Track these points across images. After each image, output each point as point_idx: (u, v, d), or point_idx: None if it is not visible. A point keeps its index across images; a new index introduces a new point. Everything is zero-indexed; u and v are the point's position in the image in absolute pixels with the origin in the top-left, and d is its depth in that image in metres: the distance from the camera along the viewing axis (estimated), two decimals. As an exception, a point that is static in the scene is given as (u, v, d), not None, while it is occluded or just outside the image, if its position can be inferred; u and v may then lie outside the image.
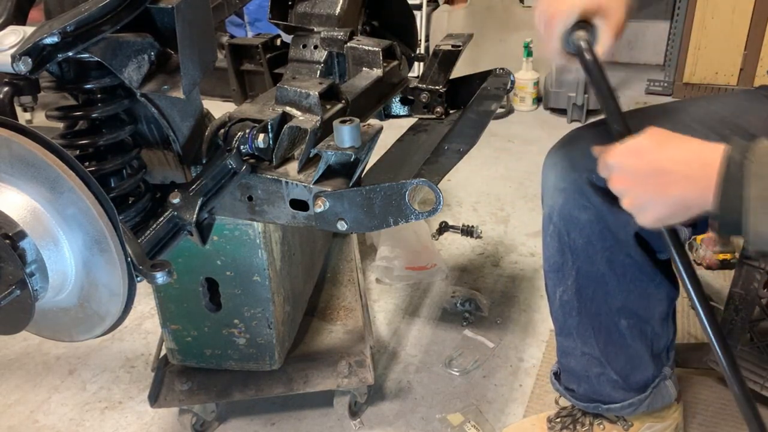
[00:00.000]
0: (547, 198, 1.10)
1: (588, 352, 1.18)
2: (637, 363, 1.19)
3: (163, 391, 1.36)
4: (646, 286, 1.11)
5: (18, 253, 0.67)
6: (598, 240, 1.06)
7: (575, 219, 1.05)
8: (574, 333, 1.18)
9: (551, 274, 1.16)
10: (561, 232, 1.09)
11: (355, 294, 1.61)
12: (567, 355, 1.23)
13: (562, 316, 1.18)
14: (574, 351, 1.20)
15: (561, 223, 1.08)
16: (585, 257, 1.08)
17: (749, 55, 3.18)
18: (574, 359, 1.22)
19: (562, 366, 1.27)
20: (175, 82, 0.84)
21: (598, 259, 1.07)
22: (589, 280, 1.11)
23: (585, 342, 1.17)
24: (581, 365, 1.21)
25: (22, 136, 0.66)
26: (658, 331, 1.18)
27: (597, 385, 1.22)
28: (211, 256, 1.21)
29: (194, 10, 0.82)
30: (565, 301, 1.15)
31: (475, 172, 2.71)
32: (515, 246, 2.17)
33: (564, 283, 1.14)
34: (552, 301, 1.19)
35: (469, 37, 1.42)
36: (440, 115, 1.32)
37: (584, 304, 1.13)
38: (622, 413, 1.25)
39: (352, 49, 1.22)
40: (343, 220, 0.93)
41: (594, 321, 1.15)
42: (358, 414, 1.48)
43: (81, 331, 0.78)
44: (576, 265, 1.10)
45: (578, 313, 1.15)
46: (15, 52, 0.70)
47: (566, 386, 1.29)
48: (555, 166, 1.08)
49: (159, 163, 1.01)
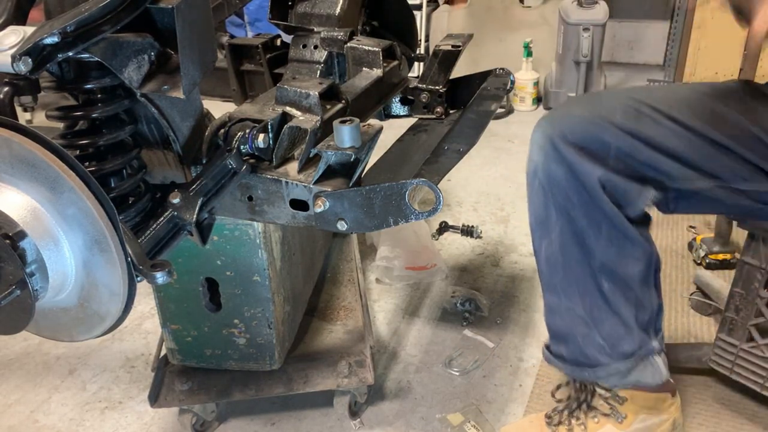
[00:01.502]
0: (531, 155, 1.17)
1: (572, 308, 1.21)
2: (622, 331, 1.21)
3: (163, 391, 1.36)
4: (622, 243, 1.15)
5: (18, 253, 0.67)
6: (574, 194, 1.11)
7: (553, 173, 1.12)
8: (559, 288, 1.22)
9: (536, 228, 1.21)
10: (544, 188, 1.15)
11: (355, 294, 1.61)
12: (553, 313, 1.26)
13: (547, 271, 1.22)
14: (560, 307, 1.23)
15: (544, 179, 1.14)
16: (566, 213, 1.14)
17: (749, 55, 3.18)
18: (560, 317, 1.24)
19: (550, 329, 1.30)
20: (175, 82, 0.84)
21: (577, 214, 1.13)
22: (571, 237, 1.15)
23: (570, 298, 1.21)
24: (566, 323, 1.24)
25: (22, 136, 0.66)
26: (640, 298, 1.20)
27: (583, 346, 1.24)
28: (211, 256, 1.21)
29: (194, 10, 0.83)
30: (549, 255, 1.20)
31: (475, 172, 2.71)
32: (515, 246, 2.17)
33: (548, 237, 1.18)
34: (538, 256, 1.23)
35: (469, 37, 1.42)
36: (440, 115, 1.32)
37: (568, 263, 1.18)
38: (609, 381, 1.27)
39: (352, 49, 1.22)
40: (343, 220, 0.93)
41: (579, 282, 1.19)
42: (358, 414, 1.48)
43: (81, 331, 0.78)
44: (560, 222, 1.15)
45: (563, 268, 1.19)
46: (15, 52, 0.70)
47: (556, 353, 1.31)
48: (539, 126, 1.15)
49: (159, 163, 1.01)
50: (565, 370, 1.32)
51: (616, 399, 1.29)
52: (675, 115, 1.10)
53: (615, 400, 1.29)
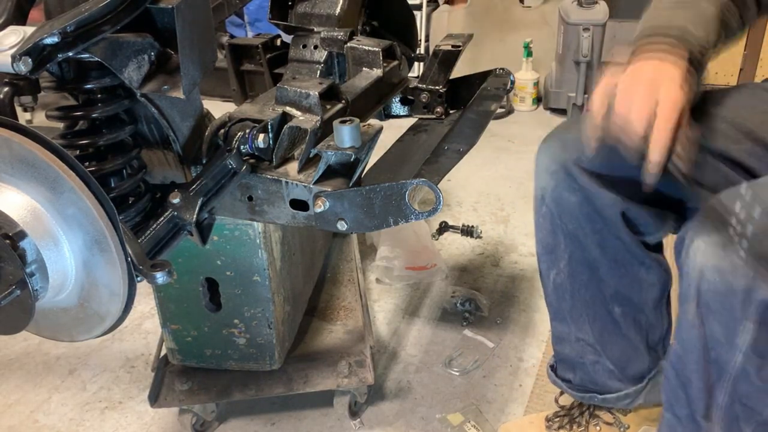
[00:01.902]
0: (539, 180, 1.12)
1: (582, 338, 1.18)
2: (632, 354, 1.19)
3: (163, 391, 1.36)
4: (637, 270, 1.11)
5: (18, 253, 0.67)
6: (587, 222, 1.07)
7: (565, 201, 1.07)
8: (568, 317, 1.18)
9: (544, 256, 1.16)
10: (553, 214, 1.10)
11: (355, 294, 1.61)
12: (561, 341, 1.23)
13: (555, 300, 1.19)
14: (569, 336, 1.20)
15: (553, 205, 1.09)
16: (576, 241, 1.09)
17: (749, 55, 3.18)
18: (569, 345, 1.21)
19: (557, 355, 1.27)
20: (175, 82, 0.84)
21: (589, 243, 1.09)
22: (581, 266, 1.11)
23: (579, 327, 1.18)
24: (576, 351, 1.21)
25: (22, 136, 0.66)
26: (652, 321, 1.18)
27: (593, 373, 1.21)
28: (211, 256, 1.21)
29: (194, 10, 0.83)
30: (558, 284, 1.16)
31: (475, 172, 2.71)
32: (515, 246, 2.17)
33: (557, 266, 1.14)
34: (546, 284, 1.19)
35: (469, 37, 1.42)
36: (440, 115, 1.32)
37: (577, 290, 1.14)
38: (618, 405, 1.25)
39: (352, 49, 1.22)
40: (343, 220, 0.93)
41: (588, 308, 1.15)
42: (358, 414, 1.48)
43: (81, 331, 0.78)
44: (569, 249, 1.11)
45: (571, 297, 1.15)
46: (15, 52, 0.70)
47: (562, 377, 1.28)
48: (548, 149, 1.09)
49: (159, 163, 1.01)
50: (573, 395, 1.29)
51: (620, 410, 1.28)
52: None
53: (619, 410, 1.28)
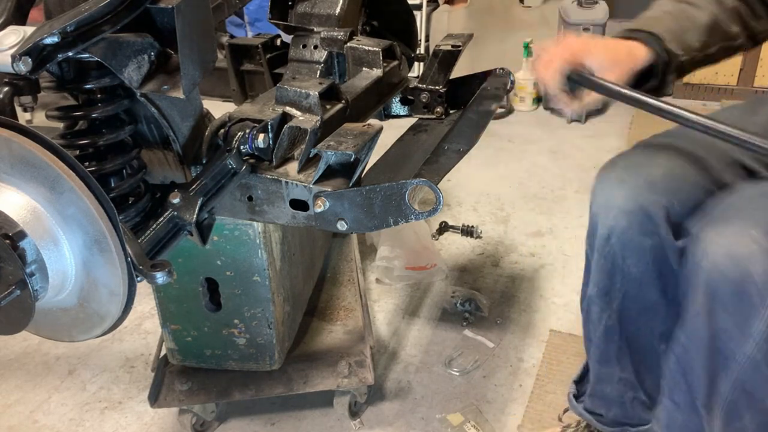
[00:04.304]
0: (606, 218, 0.99)
1: (625, 378, 1.14)
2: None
3: (163, 391, 1.36)
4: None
5: (18, 253, 0.67)
6: (656, 268, 0.99)
7: (637, 245, 0.97)
8: (614, 359, 1.12)
9: (599, 299, 1.07)
10: (617, 256, 1.00)
11: (355, 294, 1.61)
12: (603, 382, 1.17)
13: (604, 343, 1.12)
14: (612, 378, 1.15)
15: (618, 246, 0.99)
16: (636, 283, 1.02)
17: (749, 55, 3.18)
18: (611, 386, 1.16)
19: (596, 392, 1.21)
20: (175, 82, 0.84)
21: (651, 288, 1.02)
22: (634, 305, 1.05)
23: (623, 368, 1.13)
24: (617, 391, 1.16)
25: (22, 136, 0.66)
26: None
27: (630, 409, 1.17)
28: (211, 256, 1.21)
29: (194, 10, 0.83)
30: (609, 326, 1.09)
31: (475, 172, 2.71)
32: (515, 246, 2.17)
33: (610, 308, 1.07)
34: (594, 327, 1.11)
35: (469, 37, 1.42)
36: (440, 115, 1.32)
37: (625, 328, 1.08)
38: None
39: (352, 49, 1.22)
40: (343, 220, 0.93)
41: (632, 344, 1.10)
42: (358, 414, 1.48)
43: (81, 331, 0.78)
44: (624, 289, 1.04)
45: (620, 338, 1.09)
46: (15, 52, 0.70)
47: (593, 411, 1.23)
48: (623, 185, 0.97)
49: (159, 163, 1.01)
50: (602, 429, 1.24)
51: None
52: None
53: None
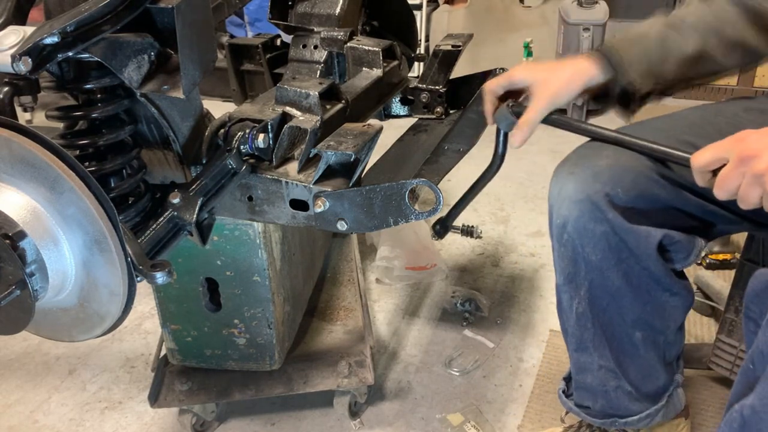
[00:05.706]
0: (559, 207, 1.05)
1: (604, 365, 1.15)
2: (648, 372, 1.16)
3: (163, 391, 1.36)
4: (662, 297, 1.08)
5: (18, 253, 0.67)
6: (613, 253, 1.02)
7: (590, 232, 1.01)
8: (591, 346, 1.14)
9: (565, 286, 1.11)
10: (575, 243, 1.04)
11: (355, 294, 1.61)
12: (583, 371, 1.18)
13: (578, 330, 1.14)
14: (591, 366, 1.16)
15: (575, 234, 1.03)
16: (598, 271, 1.05)
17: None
18: (591, 375, 1.17)
19: (578, 383, 1.22)
20: (175, 82, 0.84)
21: (612, 274, 1.05)
22: (602, 292, 1.08)
23: (601, 355, 1.14)
24: (598, 380, 1.17)
25: (22, 136, 0.66)
26: (671, 340, 1.15)
27: (615, 399, 1.18)
28: (211, 256, 1.21)
29: (194, 10, 0.83)
30: (580, 313, 1.11)
31: (475, 172, 2.71)
32: (515, 246, 2.17)
33: (578, 295, 1.10)
34: (567, 315, 1.14)
35: (469, 37, 1.42)
36: (440, 115, 1.32)
37: (597, 315, 1.10)
38: (639, 426, 1.22)
39: (352, 49, 1.22)
40: (343, 220, 0.93)
41: (607, 331, 1.12)
42: (358, 414, 1.48)
43: (81, 331, 0.78)
44: (589, 276, 1.07)
45: (593, 325, 1.11)
46: (15, 52, 0.70)
47: (580, 404, 1.24)
48: (572, 176, 1.03)
49: (159, 163, 1.01)
50: (593, 422, 1.25)
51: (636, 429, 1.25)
52: None
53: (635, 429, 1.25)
